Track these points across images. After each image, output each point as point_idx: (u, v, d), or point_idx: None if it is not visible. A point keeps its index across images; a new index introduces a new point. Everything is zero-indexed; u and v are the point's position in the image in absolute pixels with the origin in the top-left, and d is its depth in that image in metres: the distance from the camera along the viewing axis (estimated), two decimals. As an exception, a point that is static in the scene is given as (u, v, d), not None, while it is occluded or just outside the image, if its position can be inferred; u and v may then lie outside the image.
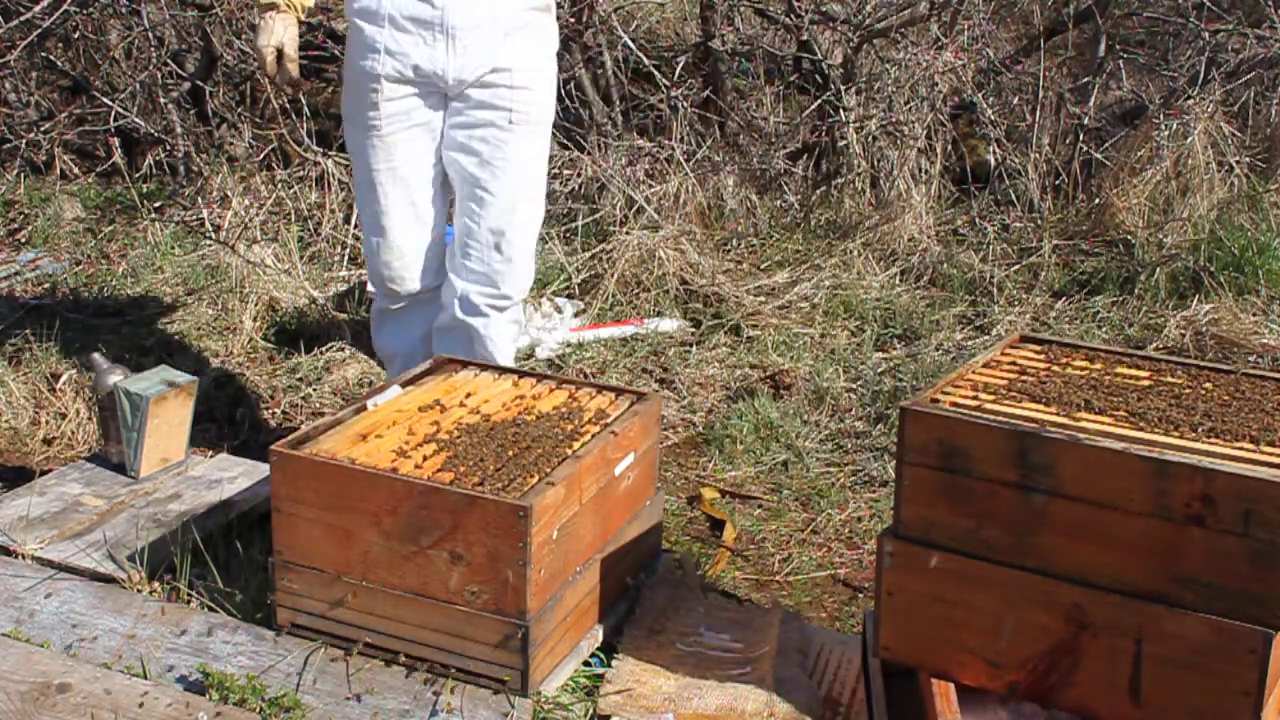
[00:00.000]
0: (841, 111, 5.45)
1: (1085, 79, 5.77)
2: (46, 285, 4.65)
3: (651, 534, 2.66)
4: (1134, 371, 2.26)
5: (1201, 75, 5.41)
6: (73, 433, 3.47)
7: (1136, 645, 1.86)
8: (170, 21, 5.65)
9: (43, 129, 5.84)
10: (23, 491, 2.86)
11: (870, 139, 5.42)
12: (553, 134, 5.76)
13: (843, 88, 5.49)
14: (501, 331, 3.02)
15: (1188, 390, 2.16)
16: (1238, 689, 1.80)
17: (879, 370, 4.03)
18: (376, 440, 2.35)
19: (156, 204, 5.38)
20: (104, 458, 2.97)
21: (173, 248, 4.91)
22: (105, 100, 5.65)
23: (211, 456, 3.12)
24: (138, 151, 5.91)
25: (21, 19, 5.29)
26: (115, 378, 2.90)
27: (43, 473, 2.98)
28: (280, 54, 2.85)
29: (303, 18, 2.89)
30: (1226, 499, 1.75)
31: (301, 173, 5.12)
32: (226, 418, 3.59)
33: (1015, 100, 5.78)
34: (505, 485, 2.20)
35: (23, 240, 5.16)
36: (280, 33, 2.84)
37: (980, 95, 5.55)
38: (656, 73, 5.63)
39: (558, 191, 5.30)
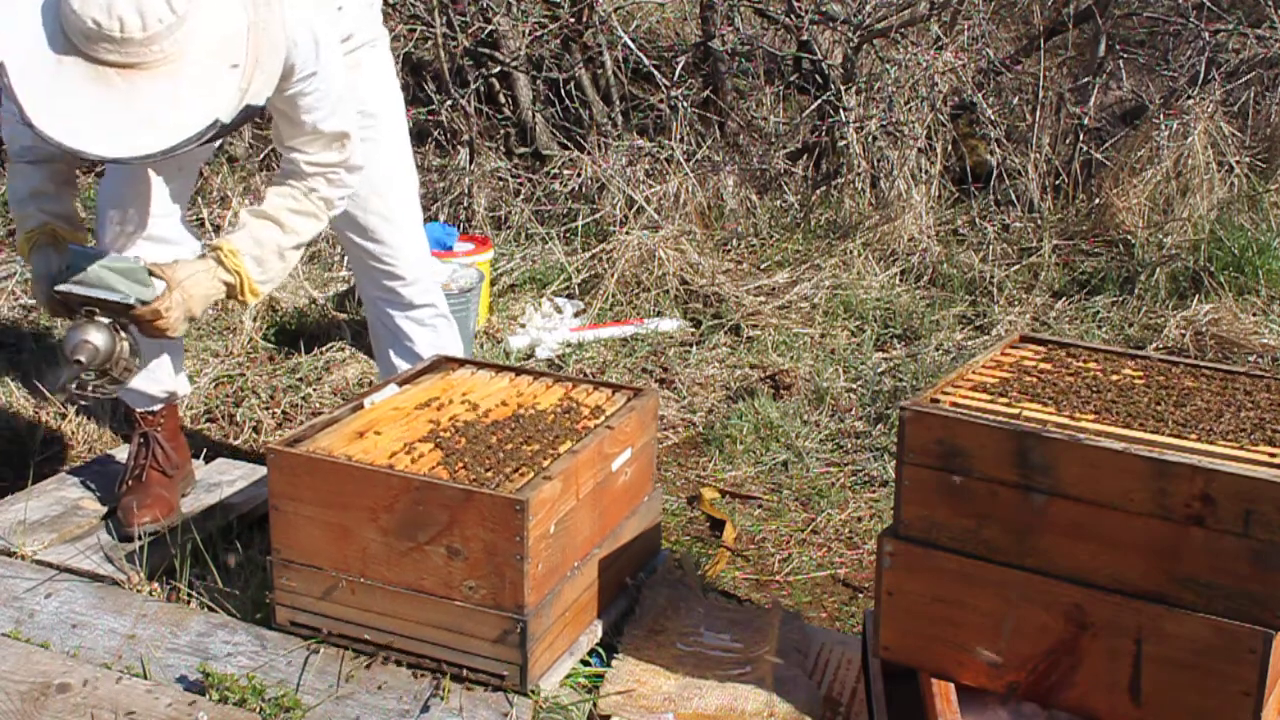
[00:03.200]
0: (841, 111, 5.45)
1: (1085, 79, 5.77)
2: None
3: (650, 531, 2.65)
4: (1134, 372, 2.26)
5: (1201, 75, 5.41)
6: (72, 433, 3.47)
7: (1136, 645, 1.86)
8: (170, 21, 5.63)
9: (43, 129, 5.83)
10: (21, 495, 2.86)
11: (870, 139, 5.42)
12: (552, 134, 5.79)
13: (843, 88, 5.49)
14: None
15: (1188, 390, 2.16)
16: (1238, 689, 1.79)
17: (879, 370, 4.03)
18: (374, 437, 2.35)
19: (156, 204, 5.37)
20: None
21: (172, 247, 4.90)
22: (105, 100, 5.63)
23: (210, 460, 3.12)
24: (138, 151, 5.90)
25: (21, 19, 5.27)
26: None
27: (41, 476, 2.99)
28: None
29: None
30: (1226, 499, 1.75)
31: (301, 172, 5.11)
32: (226, 418, 3.59)
33: (1015, 100, 5.78)
34: (502, 480, 2.20)
35: (22, 240, 5.15)
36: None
37: (980, 95, 5.55)
38: (656, 73, 5.63)
39: (558, 191, 5.30)
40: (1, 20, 1.99)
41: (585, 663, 2.37)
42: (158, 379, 2.80)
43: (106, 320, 2.33)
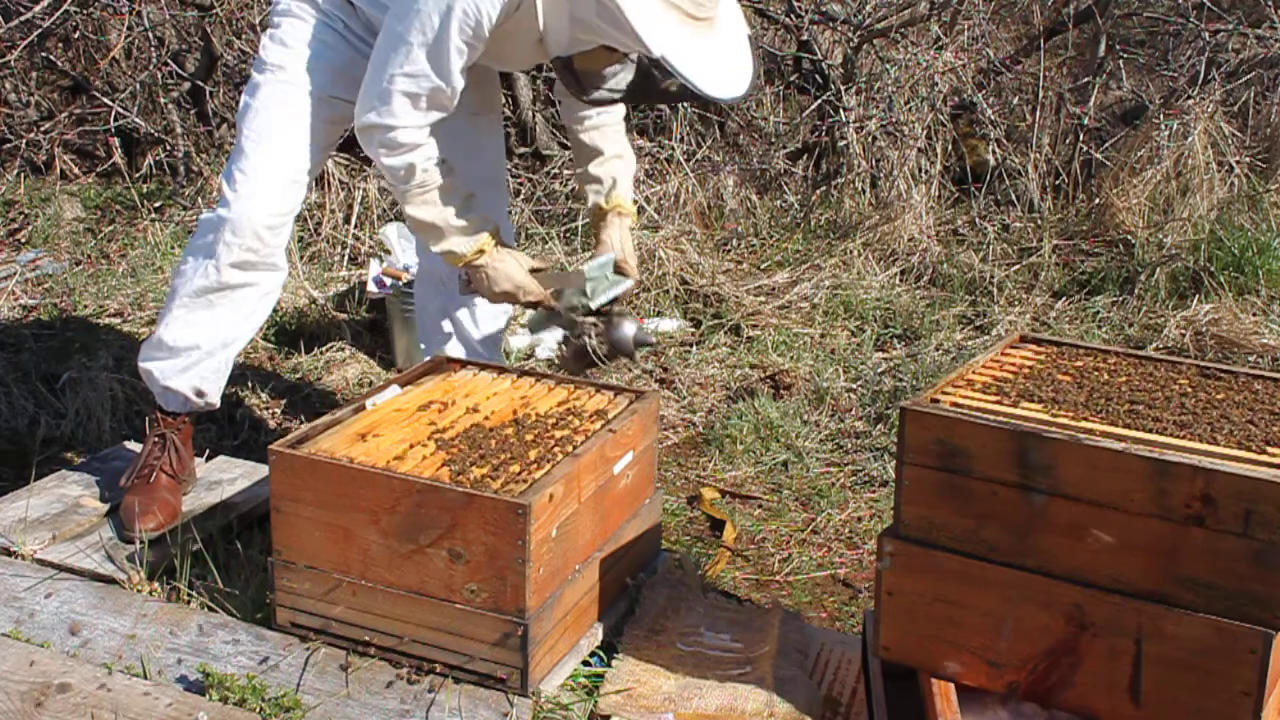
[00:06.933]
0: (841, 111, 5.45)
1: (1085, 79, 5.77)
2: (46, 285, 4.65)
3: (651, 533, 2.66)
4: (1134, 372, 2.26)
5: (1201, 75, 5.41)
6: (72, 433, 3.47)
7: (1136, 645, 1.86)
8: (170, 21, 5.64)
9: (43, 129, 5.84)
10: (22, 493, 2.86)
11: (870, 139, 5.42)
12: (552, 134, 5.79)
13: (843, 88, 5.48)
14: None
15: (1188, 390, 2.16)
16: (1238, 689, 1.80)
17: (879, 370, 4.03)
18: (375, 439, 2.35)
19: (156, 204, 5.38)
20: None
21: (173, 248, 4.91)
22: (105, 100, 5.65)
23: (210, 459, 3.12)
24: (138, 151, 5.91)
25: (21, 19, 5.29)
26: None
27: (41, 474, 2.99)
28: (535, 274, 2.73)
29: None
30: (1226, 499, 1.75)
31: (301, 173, 5.11)
32: (226, 418, 3.59)
33: (1015, 100, 5.78)
34: (504, 483, 2.20)
35: (23, 240, 5.16)
36: (518, 264, 2.70)
37: (980, 95, 5.55)
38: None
39: (558, 191, 5.30)
40: (641, 21, 2.32)
41: (585, 663, 2.37)
42: (205, 388, 2.82)
43: (625, 311, 2.87)
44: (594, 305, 2.74)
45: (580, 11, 2.44)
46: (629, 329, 2.83)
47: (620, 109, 2.96)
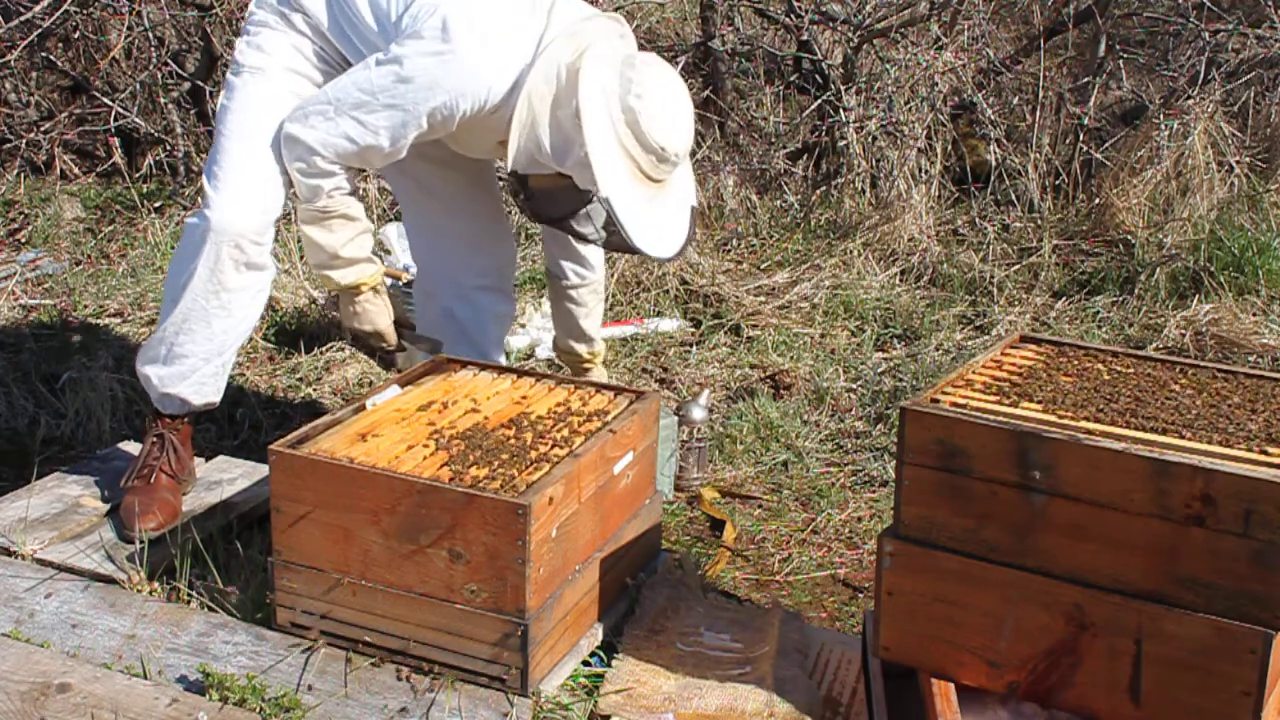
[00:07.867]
0: (841, 111, 5.45)
1: (1085, 79, 5.77)
2: (47, 285, 4.65)
3: (651, 533, 2.66)
4: (1134, 371, 2.26)
5: (1201, 75, 5.41)
6: (72, 433, 3.47)
7: (1136, 645, 1.86)
8: (170, 21, 5.64)
9: (43, 129, 5.84)
10: (22, 493, 2.86)
11: (870, 139, 5.42)
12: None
13: (843, 88, 5.48)
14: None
15: (1188, 390, 2.16)
16: (1238, 689, 1.80)
17: (879, 370, 4.03)
18: (375, 439, 2.35)
19: (156, 204, 5.38)
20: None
21: (172, 248, 4.91)
22: (105, 100, 5.65)
23: (210, 459, 3.12)
24: (138, 151, 5.91)
25: (21, 19, 5.29)
26: None
27: (42, 474, 2.99)
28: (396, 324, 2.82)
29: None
30: (1226, 499, 1.75)
31: (301, 173, 5.10)
32: (226, 418, 3.59)
33: (1015, 100, 5.78)
34: (504, 483, 2.20)
35: (23, 240, 5.16)
36: (387, 310, 2.78)
37: (980, 95, 5.55)
38: (656, 73, 5.62)
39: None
40: (600, 163, 2.47)
41: (585, 663, 2.37)
42: (204, 392, 2.81)
43: (684, 407, 3.40)
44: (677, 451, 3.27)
45: (550, 131, 2.53)
46: (698, 415, 3.33)
47: (601, 278, 3.14)
